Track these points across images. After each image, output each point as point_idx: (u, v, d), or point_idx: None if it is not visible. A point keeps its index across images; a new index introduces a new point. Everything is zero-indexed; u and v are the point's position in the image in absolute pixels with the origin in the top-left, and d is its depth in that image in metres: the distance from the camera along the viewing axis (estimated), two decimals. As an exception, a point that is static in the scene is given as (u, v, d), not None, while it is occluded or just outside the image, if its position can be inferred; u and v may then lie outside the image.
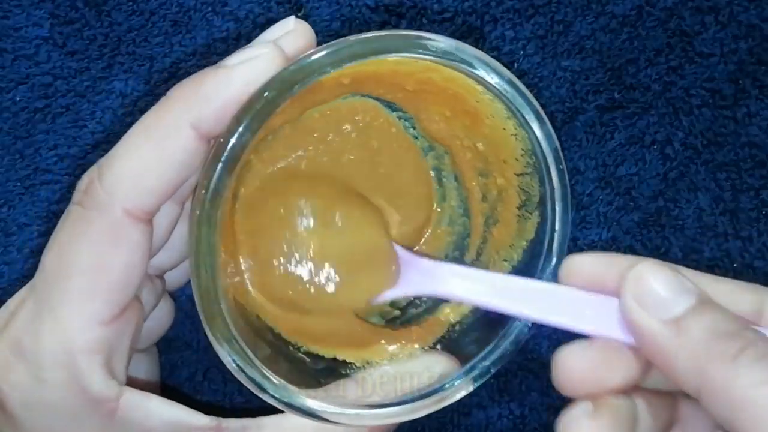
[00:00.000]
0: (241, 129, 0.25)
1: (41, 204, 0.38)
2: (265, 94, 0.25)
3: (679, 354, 0.23)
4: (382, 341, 0.32)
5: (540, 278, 0.29)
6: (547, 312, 0.26)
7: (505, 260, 0.31)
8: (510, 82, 0.27)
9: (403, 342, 0.32)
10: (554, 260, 0.28)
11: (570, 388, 0.25)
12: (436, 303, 0.33)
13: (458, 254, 0.33)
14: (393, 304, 0.33)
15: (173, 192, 0.26)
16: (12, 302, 0.28)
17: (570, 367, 0.25)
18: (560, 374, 0.25)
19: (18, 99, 0.38)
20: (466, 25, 0.38)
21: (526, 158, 0.29)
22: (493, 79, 0.27)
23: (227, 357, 0.27)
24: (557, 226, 0.28)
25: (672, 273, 0.24)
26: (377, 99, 0.32)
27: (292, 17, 0.27)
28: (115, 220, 0.26)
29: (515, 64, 0.38)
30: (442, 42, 0.26)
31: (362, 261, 0.31)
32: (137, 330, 0.29)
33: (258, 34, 0.38)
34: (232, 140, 0.25)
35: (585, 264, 0.26)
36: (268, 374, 0.27)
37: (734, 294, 0.25)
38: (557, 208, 0.28)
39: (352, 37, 0.26)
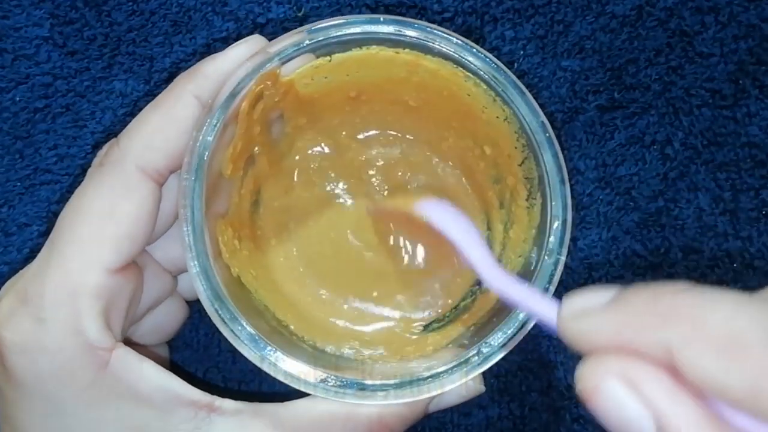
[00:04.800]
0: (227, 93, 0.28)
1: (41, 204, 0.38)
2: (247, 64, 0.29)
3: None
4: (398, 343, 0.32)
5: (543, 263, 0.28)
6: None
7: (520, 256, 0.31)
8: (485, 59, 0.29)
9: (419, 344, 0.32)
10: (557, 223, 0.28)
11: (580, 341, 0.22)
12: (458, 314, 0.33)
13: None
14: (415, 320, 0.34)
15: (179, 155, 0.29)
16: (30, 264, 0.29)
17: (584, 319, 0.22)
18: (569, 324, 0.22)
19: (18, 99, 0.38)
20: (466, 25, 0.38)
21: (521, 141, 0.29)
22: (468, 58, 0.29)
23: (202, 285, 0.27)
24: (555, 199, 0.28)
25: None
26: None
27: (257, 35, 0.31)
28: (128, 174, 0.28)
29: (515, 64, 0.38)
30: (417, 27, 0.29)
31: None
32: (134, 297, 0.29)
33: (258, 34, 0.38)
34: (219, 100, 0.28)
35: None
36: (272, 345, 0.27)
37: None
38: (553, 180, 0.28)
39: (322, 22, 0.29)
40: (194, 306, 0.35)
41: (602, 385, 0.19)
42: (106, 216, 0.28)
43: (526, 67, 0.38)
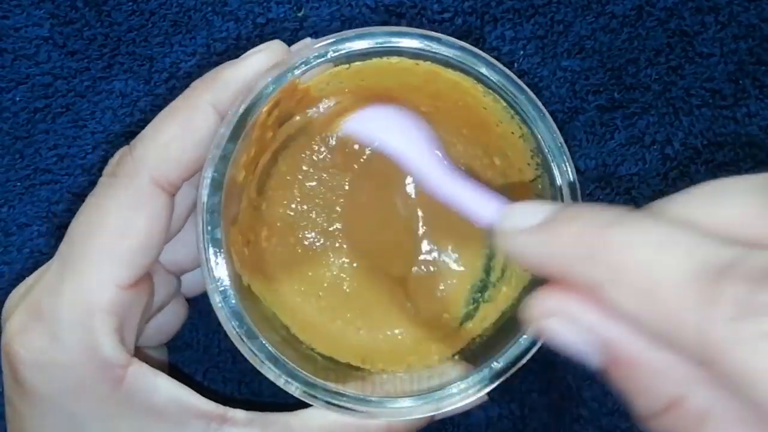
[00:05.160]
0: (248, 101, 0.28)
1: (41, 204, 0.38)
2: (269, 74, 0.28)
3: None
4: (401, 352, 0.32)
5: None
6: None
7: (525, 269, 0.31)
8: (507, 77, 0.28)
9: (423, 354, 0.32)
10: None
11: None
12: (466, 318, 0.33)
13: (485, 275, 0.33)
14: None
15: (194, 166, 0.28)
16: (38, 271, 0.29)
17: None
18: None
19: (18, 99, 0.38)
20: (466, 25, 0.38)
21: (536, 159, 0.29)
22: (492, 75, 0.28)
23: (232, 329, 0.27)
24: None
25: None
26: None
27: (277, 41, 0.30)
28: (142, 187, 0.28)
29: (515, 64, 0.38)
30: (444, 42, 0.28)
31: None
32: (146, 308, 0.29)
33: (258, 34, 0.38)
34: (240, 109, 0.28)
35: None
36: (282, 359, 0.27)
37: None
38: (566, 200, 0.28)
39: (351, 32, 0.28)
40: (194, 306, 0.35)
41: (545, 323, 0.22)
42: (120, 231, 0.28)
43: (526, 67, 0.38)
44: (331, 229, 0.34)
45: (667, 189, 0.38)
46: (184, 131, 0.28)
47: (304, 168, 0.33)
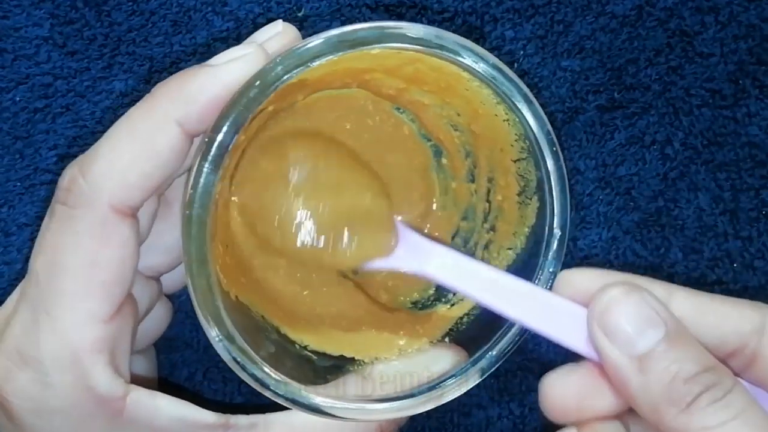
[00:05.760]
0: (225, 127, 0.25)
1: (41, 204, 0.38)
2: (249, 93, 0.25)
3: (640, 392, 0.23)
4: (389, 335, 0.32)
5: (544, 263, 0.28)
6: (529, 315, 0.26)
7: (509, 248, 0.31)
8: (495, 67, 0.27)
9: (411, 337, 0.32)
10: (555, 244, 0.28)
11: (556, 415, 0.25)
12: (439, 297, 0.33)
13: (466, 250, 0.33)
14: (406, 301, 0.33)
15: (158, 188, 0.26)
16: (1, 313, 0.28)
17: (555, 393, 0.25)
18: (546, 401, 0.25)
19: (18, 99, 0.38)
20: (466, 25, 0.38)
21: (520, 143, 0.29)
22: (478, 65, 0.27)
23: (225, 353, 0.26)
24: (556, 210, 0.28)
25: (642, 303, 0.24)
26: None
27: (280, 21, 0.27)
28: (103, 217, 0.25)
29: (515, 64, 0.38)
30: (421, 30, 0.26)
31: (361, 223, 0.30)
32: (134, 328, 0.29)
33: (258, 34, 0.38)
34: (218, 138, 0.25)
35: (578, 278, 0.26)
36: (268, 371, 0.27)
37: (733, 312, 0.25)
38: (555, 191, 0.28)
39: (332, 31, 0.26)
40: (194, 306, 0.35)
41: None
42: (88, 267, 0.26)
43: (526, 67, 0.38)
44: (300, 217, 0.32)
45: (667, 189, 0.38)
46: (144, 153, 0.25)
47: (272, 158, 0.31)
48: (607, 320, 0.24)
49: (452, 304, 0.32)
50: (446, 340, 0.31)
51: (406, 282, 0.33)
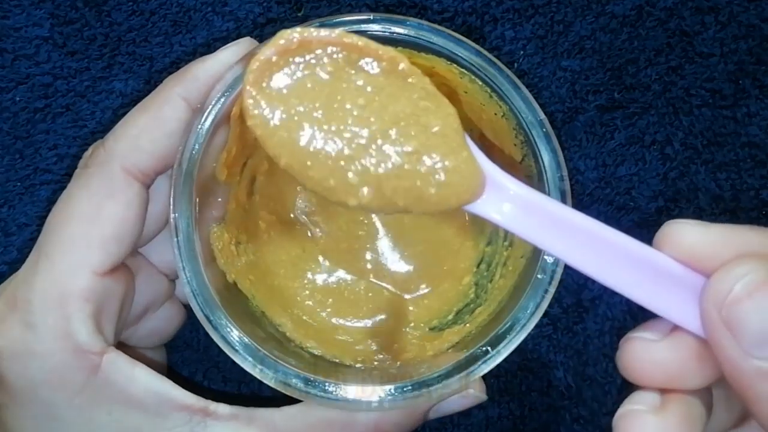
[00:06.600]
0: (217, 95, 0.27)
1: (41, 204, 0.38)
2: (234, 69, 0.28)
3: (760, 399, 0.20)
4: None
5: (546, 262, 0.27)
6: (627, 281, 0.22)
7: (521, 257, 0.30)
8: (478, 53, 0.28)
9: (418, 352, 0.32)
10: None
11: (638, 377, 0.22)
12: (456, 320, 0.33)
13: (489, 273, 0.33)
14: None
15: (166, 157, 0.28)
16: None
17: (645, 358, 0.22)
18: (630, 362, 0.22)
19: (18, 99, 0.38)
20: (466, 25, 0.38)
21: (520, 137, 0.29)
22: (461, 53, 0.28)
23: (214, 332, 0.27)
24: (552, 195, 0.28)
25: None
26: None
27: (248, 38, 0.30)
28: (113, 175, 0.28)
29: (515, 64, 0.38)
30: (402, 28, 0.28)
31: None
32: (126, 299, 0.29)
33: (258, 35, 0.38)
34: (209, 106, 0.27)
35: (685, 233, 0.22)
36: (265, 352, 0.27)
37: None
38: (552, 177, 0.28)
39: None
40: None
41: None
42: (92, 218, 0.28)
43: (526, 67, 0.38)
44: (330, 230, 0.33)
45: (667, 189, 0.38)
46: (153, 122, 0.28)
47: None
48: (734, 315, 0.20)
49: (466, 324, 0.32)
50: (449, 350, 0.31)
51: (429, 310, 0.33)
